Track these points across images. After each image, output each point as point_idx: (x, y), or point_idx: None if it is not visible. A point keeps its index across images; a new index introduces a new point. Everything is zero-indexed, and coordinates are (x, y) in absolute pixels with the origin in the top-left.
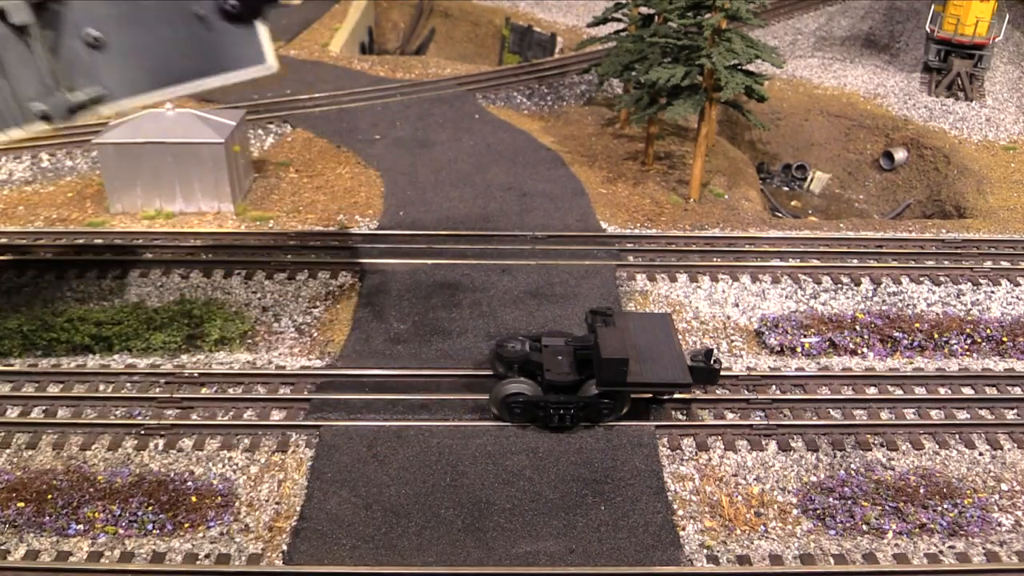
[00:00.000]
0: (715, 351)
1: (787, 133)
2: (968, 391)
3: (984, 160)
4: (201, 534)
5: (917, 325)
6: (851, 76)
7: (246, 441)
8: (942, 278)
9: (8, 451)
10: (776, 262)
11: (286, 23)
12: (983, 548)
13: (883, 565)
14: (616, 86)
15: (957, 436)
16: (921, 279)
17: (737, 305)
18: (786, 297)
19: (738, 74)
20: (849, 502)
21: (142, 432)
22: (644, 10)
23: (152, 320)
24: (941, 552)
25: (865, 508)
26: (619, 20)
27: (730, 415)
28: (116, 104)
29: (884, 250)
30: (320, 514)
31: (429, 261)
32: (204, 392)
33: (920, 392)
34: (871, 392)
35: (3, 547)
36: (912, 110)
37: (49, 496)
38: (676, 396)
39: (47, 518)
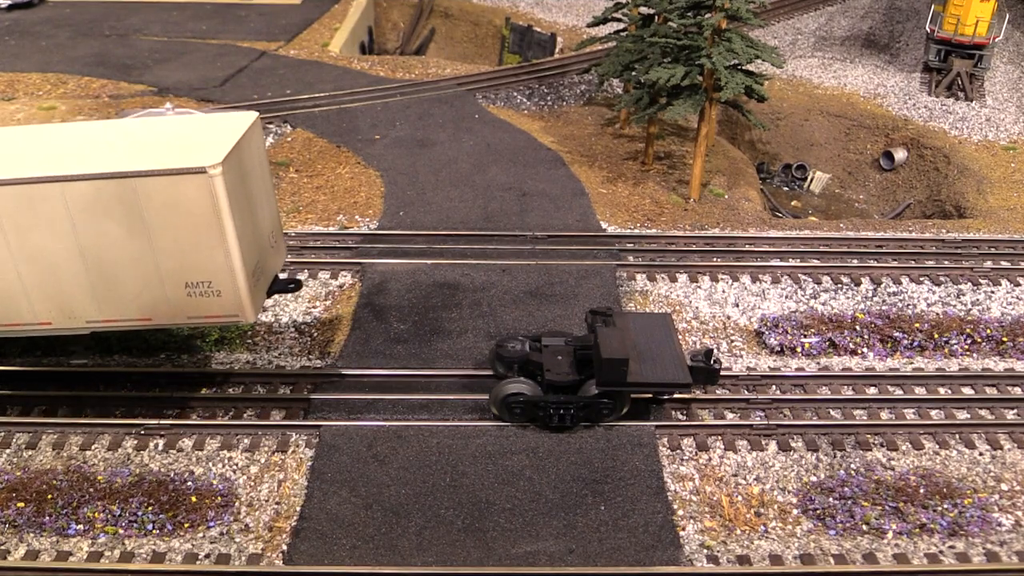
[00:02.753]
0: (715, 351)
1: (787, 133)
2: (968, 391)
3: (984, 160)
4: (201, 534)
5: (917, 325)
6: (851, 76)
7: (246, 441)
8: (942, 278)
9: (8, 451)
10: (776, 262)
11: (286, 23)
12: (983, 548)
13: (883, 565)
14: (616, 86)
15: (957, 436)
16: (921, 279)
17: (737, 305)
18: (786, 297)
19: (738, 74)
20: (849, 502)
21: (142, 432)
22: (644, 10)
23: None
24: (941, 552)
25: (865, 508)
26: (619, 20)
27: (730, 415)
28: None
29: (884, 250)
30: (320, 514)
31: (429, 261)
32: (204, 392)
33: (920, 392)
34: (871, 392)
35: (3, 547)
36: (912, 110)
37: (49, 496)
38: (676, 396)
39: (47, 518)
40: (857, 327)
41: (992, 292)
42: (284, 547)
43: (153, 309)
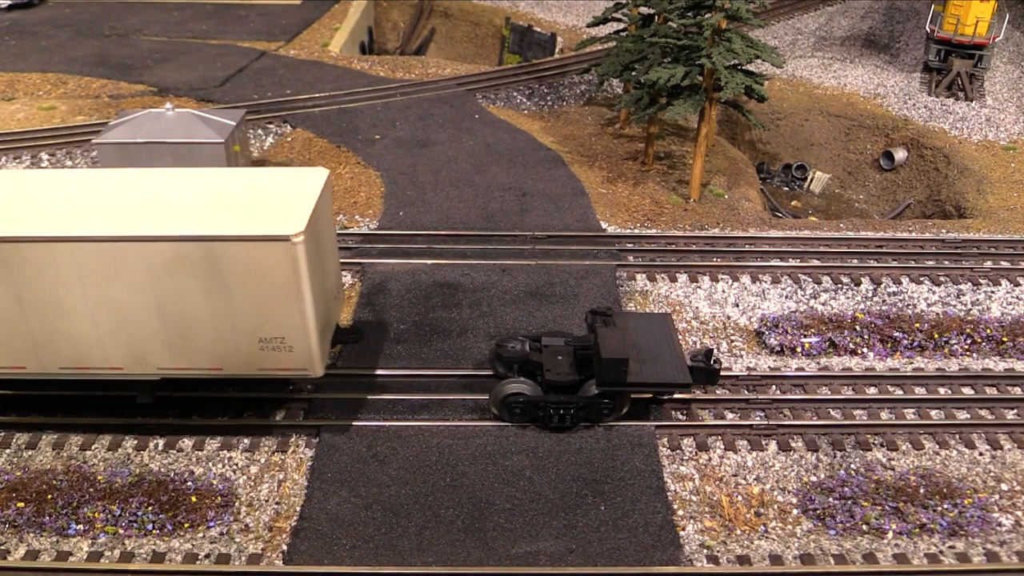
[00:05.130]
0: (715, 351)
1: (787, 133)
2: (968, 391)
3: (984, 160)
4: (201, 534)
5: (917, 325)
6: (851, 76)
7: (246, 441)
8: (942, 278)
9: (8, 451)
10: (776, 262)
11: (286, 23)
12: (983, 548)
13: (883, 565)
14: (616, 86)
15: (957, 436)
16: (921, 279)
17: (737, 305)
18: (786, 297)
19: (738, 74)
20: (849, 502)
21: (142, 432)
22: (644, 10)
23: None
24: (941, 552)
25: (865, 508)
26: (619, 20)
27: (730, 415)
28: None
29: (884, 250)
30: (320, 514)
31: (429, 261)
32: (205, 392)
33: (920, 392)
34: (871, 392)
35: (3, 547)
36: (912, 110)
37: (49, 496)
38: (676, 396)
39: (47, 518)
40: (857, 327)
41: (992, 292)
42: (284, 547)
43: (225, 360)
